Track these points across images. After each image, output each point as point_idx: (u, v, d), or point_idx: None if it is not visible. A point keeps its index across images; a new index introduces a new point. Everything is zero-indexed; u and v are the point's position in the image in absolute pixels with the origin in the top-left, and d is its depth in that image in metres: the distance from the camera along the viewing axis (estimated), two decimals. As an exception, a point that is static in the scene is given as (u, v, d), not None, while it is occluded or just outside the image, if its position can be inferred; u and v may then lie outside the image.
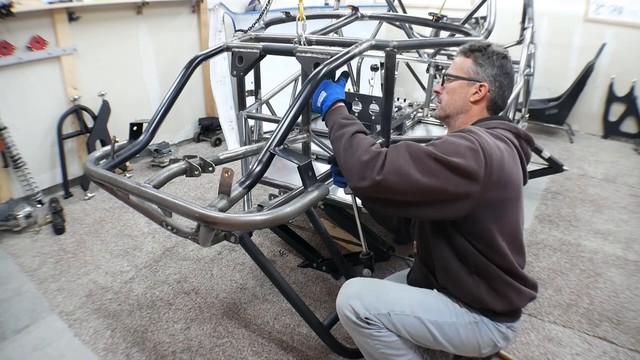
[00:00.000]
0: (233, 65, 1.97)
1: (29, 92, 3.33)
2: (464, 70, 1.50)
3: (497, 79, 1.48)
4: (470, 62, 1.50)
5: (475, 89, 1.48)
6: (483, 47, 1.51)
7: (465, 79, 1.49)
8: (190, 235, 1.45)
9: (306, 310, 1.84)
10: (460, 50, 1.55)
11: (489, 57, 1.49)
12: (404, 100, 3.20)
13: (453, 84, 1.52)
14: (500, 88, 1.49)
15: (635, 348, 2.10)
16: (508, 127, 1.45)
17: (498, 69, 1.48)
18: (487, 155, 1.26)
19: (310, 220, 2.02)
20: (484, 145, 1.28)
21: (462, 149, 1.26)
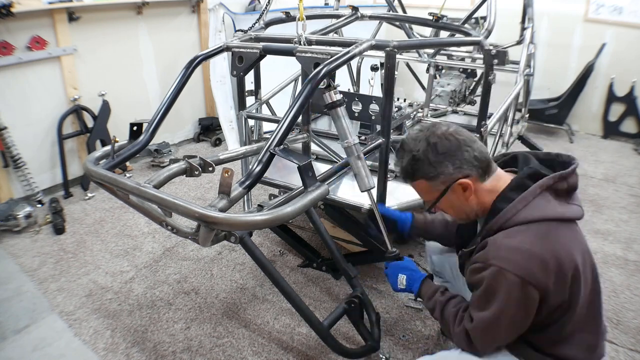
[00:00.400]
0: (233, 65, 1.98)
1: (29, 92, 3.33)
2: (433, 190, 1.33)
3: (457, 163, 1.27)
4: (425, 182, 1.32)
5: (459, 188, 1.30)
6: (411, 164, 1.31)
7: (443, 194, 1.32)
8: (190, 235, 1.45)
9: (306, 310, 1.84)
10: (404, 180, 1.39)
11: (429, 163, 1.28)
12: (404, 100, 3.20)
13: (442, 204, 1.37)
14: (469, 161, 1.27)
15: (635, 348, 2.10)
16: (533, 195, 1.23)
17: (446, 158, 1.27)
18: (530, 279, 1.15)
19: (310, 220, 2.02)
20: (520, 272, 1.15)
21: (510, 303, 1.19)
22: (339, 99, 1.62)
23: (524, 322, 1.23)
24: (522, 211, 1.22)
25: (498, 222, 1.25)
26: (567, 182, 1.26)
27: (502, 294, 1.18)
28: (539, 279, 1.15)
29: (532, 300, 1.17)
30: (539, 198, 1.23)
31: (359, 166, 1.62)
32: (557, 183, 1.25)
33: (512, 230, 1.21)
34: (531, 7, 3.24)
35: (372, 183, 1.64)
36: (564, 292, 1.19)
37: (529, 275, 1.14)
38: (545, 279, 1.15)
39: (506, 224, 1.23)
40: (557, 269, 1.16)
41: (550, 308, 1.20)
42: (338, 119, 1.63)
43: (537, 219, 1.20)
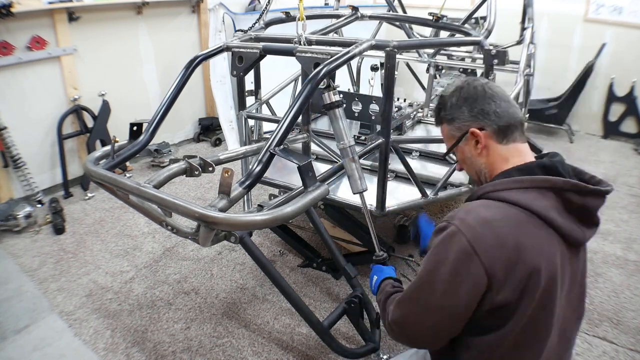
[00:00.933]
0: (233, 65, 1.98)
1: (29, 92, 3.33)
2: (449, 136, 1.31)
3: (475, 112, 1.23)
4: (446, 126, 1.31)
5: (471, 139, 1.24)
6: (438, 105, 1.33)
7: (457, 142, 1.28)
8: (190, 235, 1.45)
9: (306, 310, 1.84)
10: (436, 124, 1.39)
11: (450, 104, 1.27)
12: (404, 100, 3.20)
13: (458, 155, 1.33)
14: (487, 114, 1.21)
15: (635, 348, 2.10)
16: (532, 184, 1.10)
17: (465, 104, 1.24)
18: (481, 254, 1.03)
19: (310, 220, 2.02)
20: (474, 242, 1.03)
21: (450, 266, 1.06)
22: (338, 100, 1.63)
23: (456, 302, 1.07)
24: (513, 192, 1.10)
25: (484, 189, 1.16)
26: (582, 199, 1.09)
27: (445, 258, 1.06)
28: (490, 256, 1.02)
29: (477, 282, 1.03)
30: (538, 191, 1.09)
31: (352, 168, 1.62)
32: (570, 192, 1.09)
33: (492, 203, 1.11)
34: (531, 7, 3.23)
35: (365, 186, 1.63)
36: (512, 288, 1.04)
37: (480, 249, 1.02)
38: (495, 261, 1.03)
39: (490, 195, 1.13)
40: (514, 258, 1.03)
41: (494, 303, 1.05)
42: (335, 119, 1.63)
43: (522, 205, 1.07)
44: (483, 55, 2.30)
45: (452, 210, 1.20)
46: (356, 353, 1.93)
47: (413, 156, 2.90)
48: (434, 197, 2.34)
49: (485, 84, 1.25)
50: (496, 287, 1.03)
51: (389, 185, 2.20)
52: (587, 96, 4.82)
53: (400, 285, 1.45)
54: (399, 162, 2.29)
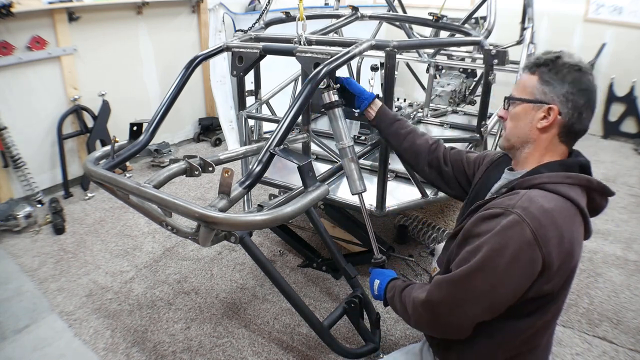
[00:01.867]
0: (233, 65, 1.98)
1: (29, 92, 3.32)
2: (529, 90, 1.23)
3: (570, 97, 1.18)
4: (536, 81, 1.22)
5: (543, 112, 1.20)
6: (550, 59, 1.22)
7: (530, 101, 1.22)
8: (190, 235, 1.45)
9: (306, 310, 1.84)
10: (525, 66, 1.30)
11: (558, 72, 1.20)
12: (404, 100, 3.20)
13: (517, 109, 1.26)
14: (575, 109, 1.18)
15: (635, 348, 2.10)
16: (577, 181, 1.16)
17: (570, 85, 1.18)
18: (543, 245, 1.05)
19: (310, 220, 2.02)
20: (538, 232, 1.05)
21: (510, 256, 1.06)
22: (337, 100, 1.63)
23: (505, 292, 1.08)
24: (564, 186, 1.13)
25: (538, 179, 1.15)
26: (602, 200, 1.21)
27: (506, 244, 1.06)
28: (550, 248, 1.05)
29: (533, 269, 1.06)
30: (580, 189, 1.16)
31: (351, 169, 1.62)
32: (595, 192, 1.19)
33: (549, 195, 1.11)
34: (531, 7, 3.23)
35: (363, 187, 1.63)
36: (560, 278, 1.10)
37: (543, 240, 1.04)
38: (554, 252, 1.06)
39: (545, 186, 1.13)
40: (567, 251, 1.08)
41: (540, 291, 1.09)
42: (335, 119, 1.64)
43: (573, 201, 1.11)
44: (483, 55, 2.31)
45: (502, 197, 1.16)
46: (356, 353, 1.93)
47: (413, 156, 2.89)
48: (434, 197, 2.34)
49: (596, 86, 1.23)
50: (547, 277, 1.08)
51: (389, 185, 2.20)
52: (587, 96, 4.82)
53: (410, 280, 1.45)
54: (399, 162, 2.29)
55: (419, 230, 2.89)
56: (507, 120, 1.30)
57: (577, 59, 1.23)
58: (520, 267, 1.06)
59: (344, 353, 1.92)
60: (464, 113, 3.74)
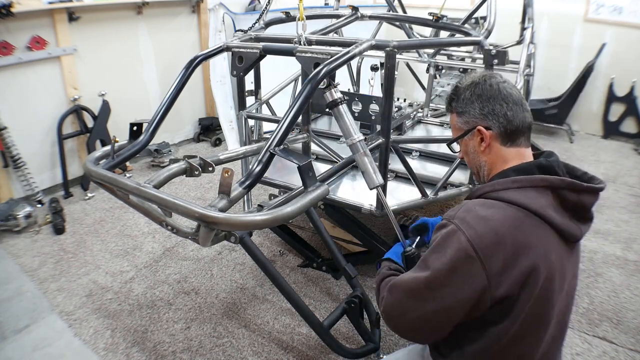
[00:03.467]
0: (233, 65, 1.98)
1: (29, 92, 3.33)
2: (457, 127, 1.31)
3: (485, 111, 1.23)
4: (455, 117, 1.30)
5: (477, 137, 1.25)
6: (452, 93, 1.31)
7: (461, 136, 1.29)
8: (190, 235, 1.45)
9: (306, 309, 1.84)
10: (446, 109, 1.39)
11: (463, 97, 1.27)
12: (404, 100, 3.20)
13: (462, 146, 1.34)
14: (496, 116, 1.21)
15: (635, 348, 2.10)
16: (528, 184, 1.13)
17: (477, 101, 1.24)
18: (480, 252, 1.05)
19: (310, 220, 2.02)
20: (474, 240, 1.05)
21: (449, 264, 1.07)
22: (340, 96, 1.61)
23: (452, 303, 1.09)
24: (511, 191, 1.13)
25: (483, 189, 1.19)
26: (578, 196, 1.13)
27: (444, 256, 1.08)
28: (488, 255, 1.05)
29: (474, 277, 1.05)
30: (536, 190, 1.12)
31: (365, 163, 1.57)
32: (565, 190, 1.13)
33: (490, 202, 1.14)
34: (531, 7, 3.24)
35: (381, 179, 1.58)
36: (512, 283, 1.06)
37: (479, 247, 1.05)
38: (494, 259, 1.05)
39: (489, 195, 1.16)
40: (512, 256, 1.06)
41: (495, 297, 1.07)
42: (340, 116, 1.60)
43: (521, 205, 1.10)
44: (483, 55, 2.30)
45: (451, 209, 1.20)
46: (356, 353, 1.93)
47: (413, 156, 2.90)
48: (434, 197, 2.34)
49: (502, 83, 1.25)
50: (494, 284, 1.06)
51: (389, 185, 2.20)
52: (587, 96, 4.82)
53: (397, 268, 1.41)
54: (399, 162, 2.29)
55: (419, 230, 2.88)
56: (464, 159, 1.36)
57: (472, 76, 1.29)
58: (460, 275, 1.07)
59: (344, 353, 1.92)
60: (464, 113, 3.74)
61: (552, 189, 1.13)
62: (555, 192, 1.13)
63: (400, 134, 3.08)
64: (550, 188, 1.13)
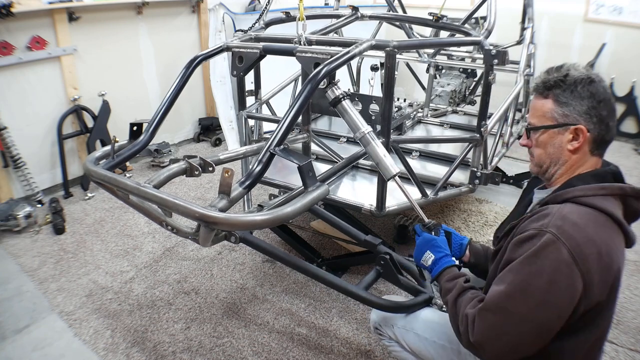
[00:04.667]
0: (233, 65, 1.98)
1: (29, 92, 3.32)
2: (548, 116, 1.21)
3: (593, 112, 1.16)
4: (552, 104, 1.20)
5: (571, 134, 1.18)
6: (560, 80, 1.19)
7: (554, 127, 1.20)
8: (190, 235, 1.45)
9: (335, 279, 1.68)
10: (534, 90, 1.26)
11: (573, 91, 1.17)
12: (404, 100, 3.20)
13: (543, 136, 1.23)
14: (601, 121, 1.16)
15: (635, 348, 2.10)
16: (610, 191, 1.14)
17: (589, 100, 1.16)
18: (581, 263, 1.03)
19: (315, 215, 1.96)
20: (575, 250, 1.03)
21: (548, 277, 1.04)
22: (342, 92, 1.59)
23: (551, 317, 1.06)
24: (598, 198, 1.11)
25: (571, 193, 1.13)
26: (637, 202, 1.17)
27: (544, 267, 1.04)
28: (589, 267, 1.04)
29: (574, 288, 1.04)
30: (614, 198, 1.14)
31: (378, 153, 1.50)
32: (632, 198, 1.15)
33: (582, 209, 1.10)
34: (531, 7, 3.24)
35: (397, 169, 1.51)
36: (604, 290, 1.08)
37: (580, 258, 1.03)
38: (593, 271, 1.05)
39: (579, 200, 1.12)
40: (607, 265, 1.07)
41: (588, 305, 1.07)
42: (345, 112, 1.57)
43: (607, 212, 1.10)
44: (483, 55, 2.31)
45: (534, 217, 1.14)
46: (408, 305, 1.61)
47: (413, 156, 2.90)
48: (434, 197, 2.34)
49: (609, 89, 1.21)
50: (590, 292, 1.06)
51: (389, 185, 2.20)
52: (587, 96, 4.82)
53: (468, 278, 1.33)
54: (399, 162, 2.29)
55: (419, 230, 2.88)
56: (532, 147, 1.28)
57: (584, 71, 1.20)
58: (560, 288, 1.04)
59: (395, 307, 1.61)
60: (464, 113, 3.74)
61: (622, 196, 1.16)
62: (623, 199, 1.16)
63: (400, 134, 3.08)
64: (621, 196, 1.16)
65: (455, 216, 3.22)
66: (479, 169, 2.47)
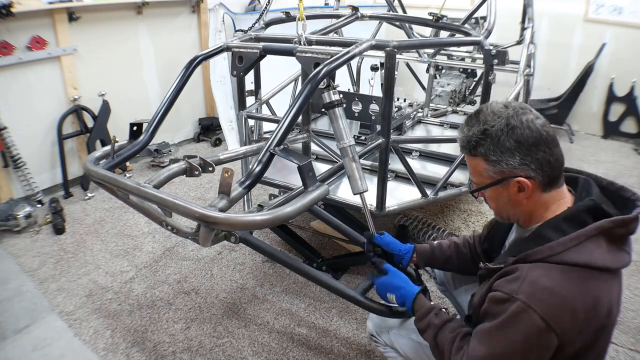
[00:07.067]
0: (233, 65, 1.98)
1: (29, 92, 3.32)
2: (485, 174, 1.17)
3: (527, 160, 1.10)
4: (483, 163, 1.15)
5: (515, 186, 1.14)
6: (479, 137, 1.14)
7: (494, 184, 1.16)
8: (190, 235, 1.45)
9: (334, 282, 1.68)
10: (462, 148, 1.21)
11: (497, 145, 1.12)
12: (404, 100, 3.20)
13: (488, 192, 1.21)
14: (539, 164, 1.10)
15: (635, 348, 2.10)
16: (585, 237, 1.08)
17: (518, 150, 1.10)
18: (554, 326, 1.03)
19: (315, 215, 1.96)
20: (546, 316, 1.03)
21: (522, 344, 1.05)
22: (338, 99, 1.61)
23: None
24: (571, 251, 1.07)
25: (541, 253, 1.09)
26: (626, 228, 1.10)
27: (518, 335, 1.05)
28: (564, 327, 1.04)
29: (548, 348, 1.05)
30: (591, 241, 1.08)
31: (352, 168, 1.59)
32: (616, 228, 1.09)
33: (553, 267, 1.07)
34: (531, 7, 3.24)
35: (365, 186, 1.59)
36: (585, 339, 1.07)
37: (555, 322, 1.03)
38: (570, 328, 1.04)
39: (549, 259, 1.08)
40: (586, 318, 1.05)
41: (567, 354, 1.08)
42: (335, 119, 1.62)
43: (582, 264, 1.06)
44: (483, 55, 2.31)
45: (503, 279, 1.13)
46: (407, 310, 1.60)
47: (413, 156, 2.90)
48: (434, 197, 2.34)
49: (542, 124, 1.11)
50: (570, 346, 1.06)
51: (389, 185, 2.20)
52: (587, 96, 4.82)
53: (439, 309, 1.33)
54: (399, 162, 2.30)
55: (419, 230, 2.89)
56: (490, 206, 1.26)
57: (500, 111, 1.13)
58: (535, 349, 1.06)
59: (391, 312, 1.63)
60: (464, 113, 3.74)
61: (603, 232, 1.09)
62: (606, 234, 1.10)
63: (400, 134, 3.08)
64: (602, 232, 1.09)
65: (455, 216, 3.22)
66: (479, 169, 2.47)
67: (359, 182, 1.59)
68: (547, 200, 1.16)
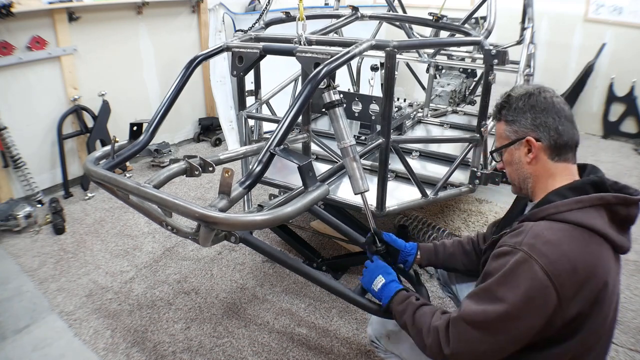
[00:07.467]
0: (233, 65, 1.98)
1: (29, 92, 3.32)
2: (504, 136, 1.32)
3: (537, 122, 1.24)
4: (504, 125, 1.31)
5: (525, 147, 1.26)
6: (504, 101, 1.32)
7: (509, 145, 1.30)
8: (190, 235, 1.45)
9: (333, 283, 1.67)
10: (493, 118, 1.39)
11: (515, 108, 1.28)
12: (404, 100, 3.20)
13: (505, 155, 1.34)
14: (548, 128, 1.23)
15: (635, 348, 2.10)
16: (589, 203, 1.14)
17: (530, 112, 1.25)
18: (554, 279, 1.06)
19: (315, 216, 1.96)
20: (547, 267, 1.06)
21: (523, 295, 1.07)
22: (338, 99, 1.61)
23: (526, 332, 1.10)
24: (575, 212, 1.13)
25: (546, 211, 1.16)
26: (627, 210, 1.16)
27: (517, 288, 1.08)
28: (563, 281, 1.06)
29: (547, 305, 1.07)
30: (594, 209, 1.14)
31: (353, 168, 1.58)
32: (618, 205, 1.15)
33: (556, 225, 1.13)
34: (531, 7, 3.24)
35: (367, 186, 1.59)
36: (584, 302, 1.09)
37: (555, 276, 1.06)
38: (568, 284, 1.07)
39: (553, 217, 1.14)
40: (584, 279, 1.08)
41: (566, 317, 1.09)
42: (336, 119, 1.61)
43: (586, 226, 1.11)
44: (483, 55, 2.31)
45: (510, 234, 1.18)
46: None
47: (413, 156, 2.90)
48: (434, 197, 2.35)
49: (555, 97, 1.26)
50: (567, 307, 1.08)
51: (389, 185, 2.20)
52: (587, 96, 4.83)
53: (417, 297, 1.37)
54: (399, 162, 2.30)
55: (419, 230, 2.89)
56: (505, 168, 1.37)
57: (525, 87, 1.30)
58: (535, 305, 1.08)
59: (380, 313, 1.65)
60: (464, 113, 3.74)
61: (605, 205, 1.15)
62: (608, 208, 1.15)
63: (400, 134, 3.08)
64: (604, 205, 1.15)
65: (455, 216, 3.22)
66: (479, 169, 2.48)
67: (360, 182, 1.59)
68: (553, 170, 1.25)
